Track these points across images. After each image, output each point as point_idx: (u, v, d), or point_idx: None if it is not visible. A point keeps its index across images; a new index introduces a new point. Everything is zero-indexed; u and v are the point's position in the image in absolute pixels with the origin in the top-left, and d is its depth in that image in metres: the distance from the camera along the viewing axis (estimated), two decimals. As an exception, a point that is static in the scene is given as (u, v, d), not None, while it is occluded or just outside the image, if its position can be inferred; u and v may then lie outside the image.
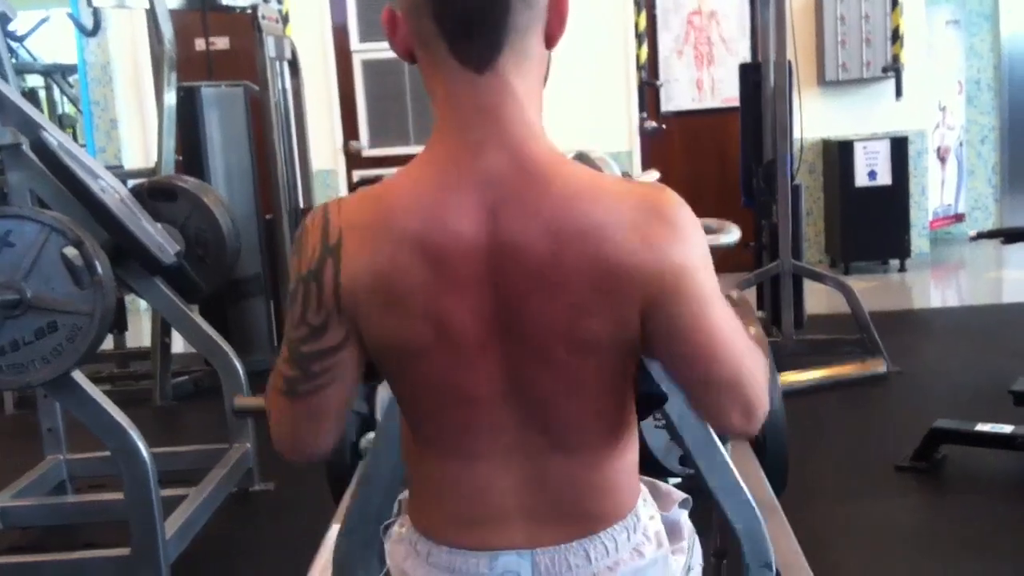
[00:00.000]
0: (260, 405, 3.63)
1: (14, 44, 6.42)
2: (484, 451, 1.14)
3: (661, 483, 1.38)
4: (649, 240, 1.05)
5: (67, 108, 8.64)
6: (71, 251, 2.61)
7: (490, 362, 1.10)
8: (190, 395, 5.04)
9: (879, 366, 4.43)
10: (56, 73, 8.48)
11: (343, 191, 6.61)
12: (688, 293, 1.07)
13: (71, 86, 8.28)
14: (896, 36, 5.10)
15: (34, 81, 8.32)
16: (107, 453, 2.84)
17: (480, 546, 1.16)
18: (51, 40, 10.21)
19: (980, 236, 3.73)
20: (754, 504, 1.58)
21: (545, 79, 1.15)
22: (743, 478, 1.60)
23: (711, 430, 1.61)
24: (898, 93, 5.23)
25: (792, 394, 3.27)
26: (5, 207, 2.87)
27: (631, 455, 1.20)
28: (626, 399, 1.18)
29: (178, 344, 5.85)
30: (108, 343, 5.41)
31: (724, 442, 1.65)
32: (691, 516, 1.38)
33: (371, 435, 2.72)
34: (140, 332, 6.11)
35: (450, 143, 1.10)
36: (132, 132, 7.17)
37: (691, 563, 1.28)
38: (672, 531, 1.27)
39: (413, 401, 1.17)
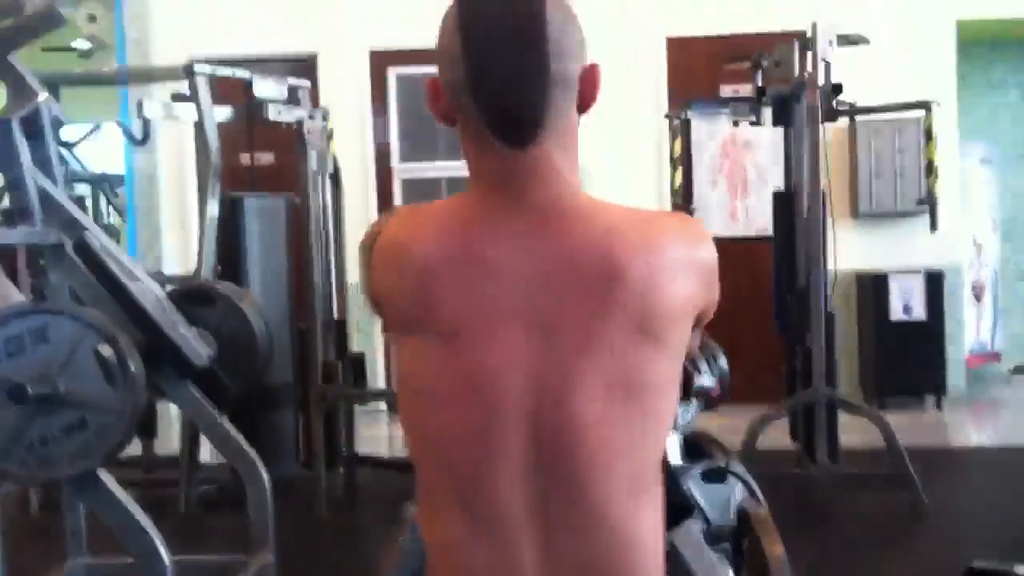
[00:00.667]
0: None
1: (64, 152, 6.59)
2: (501, 511, 1.11)
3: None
4: (694, 255, 1.17)
5: (112, 218, 8.85)
6: (105, 349, 2.63)
7: (511, 391, 1.09)
8: (215, 503, 5.00)
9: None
10: (103, 182, 8.70)
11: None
12: (717, 285, 1.23)
13: (117, 195, 8.49)
14: (930, 169, 5.15)
15: (81, 190, 8.53)
16: (129, 560, 2.82)
17: None
18: (99, 150, 10.50)
19: (1019, 370, 3.67)
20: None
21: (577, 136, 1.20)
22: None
23: (715, 559, 1.59)
24: (933, 226, 5.23)
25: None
26: (42, 302, 2.90)
27: (657, 525, 1.17)
28: (657, 452, 1.16)
29: (205, 453, 5.85)
30: (136, 448, 5.43)
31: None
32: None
33: None
34: (169, 439, 6.10)
35: (484, 198, 1.15)
36: (174, 240, 7.30)
37: None
38: None
39: (421, 434, 1.16)
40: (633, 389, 1.10)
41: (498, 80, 1.11)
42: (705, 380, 3.20)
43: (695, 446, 3.12)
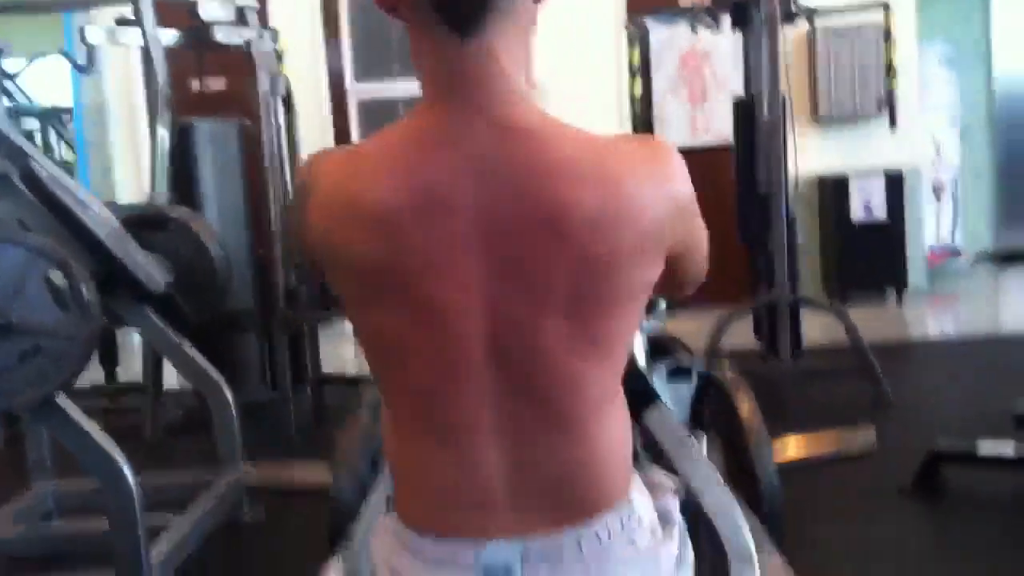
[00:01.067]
0: (270, 481, 3.60)
1: (9, 84, 6.43)
2: (467, 425, 1.10)
3: (653, 473, 1.35)
4: (663, 184, 1.09)
5: (63, 152, 8.68)
6: (56, 274, 2.58)
7: (472, 326, 1.07)
8: (181, 429, 4.99)
9: (869, 437, 4.20)
10: (52, 116, 8.53)
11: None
12: (695, 220, 1.17)
13: (66, 129, 8.32)
14: (889, 69, 5.13)
15: (30, 125, 8.35)
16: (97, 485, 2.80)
17: (467, 535, 1.11)
18: (46, 83, 10.26)
19: (980, 258, 3.70)
20: (733, 498, 1.55)
21: (534, 32, 1.13)
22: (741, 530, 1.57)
23: (685, 430, 1.60)
24: (892, 123, 5.23)
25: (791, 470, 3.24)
26: (-10, 231, 2.84)
27: (624, 433, 1.16)
28: (622, 366, 1.14)
29: (170, 378, 5.82)
30: (99, 377, 5.41)
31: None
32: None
33: None
34: (131, 369, 6.07)
35: (434, 114, 1.09)
36: (127, 173, 7.18)
37: (683, 555, 1.23)
38: (663, 520, 1.23)
39: (386, 368, 1.14)
40: (591, 319, 1.07)
41: None
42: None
43: (660, 347, 3.13)
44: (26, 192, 3.22)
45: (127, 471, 2.71)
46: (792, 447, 3.88)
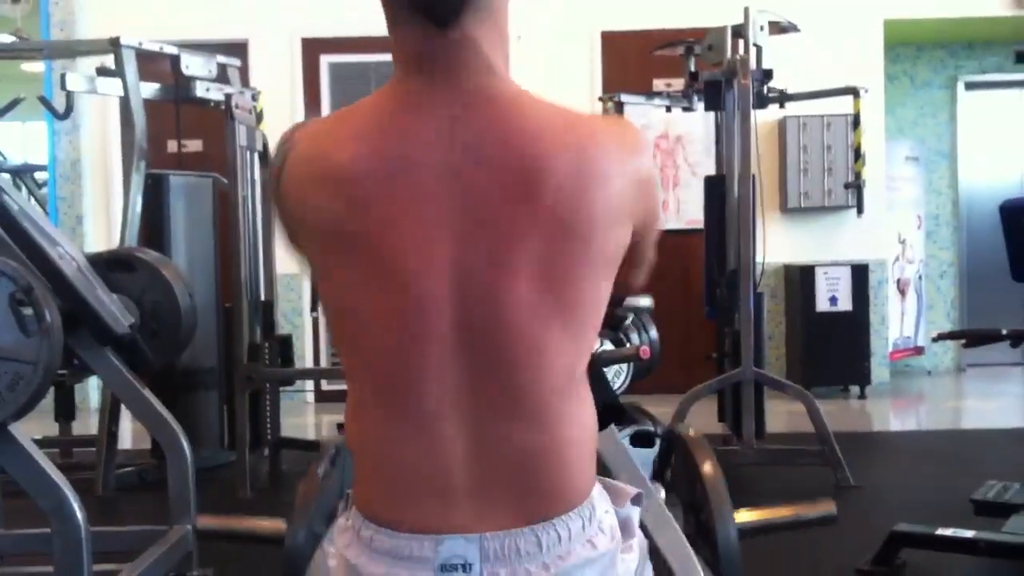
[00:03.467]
0: (222, 527, 3.54)
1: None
2: (429, 400, 1.08)
3: (615, 481, 1.33)
4: (630, 155, 1.12)
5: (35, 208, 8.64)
6: (18, 297, 2.55)
7: (439, 295, 1.06)
8: (134, 487, 4.88)
9: (829, 508, 4.17)
10: (25, 173, 8.51)
11: (306, 295, 6.57)
12: (656, 197, 1.18)
13: (40, 187, 8.30)
14: (858, 154, 5.23)
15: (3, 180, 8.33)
16: (45, 530, 2.72)
17: (425, 529, 1.09)
18: (22, 140, 10.29)
19: (941, 337, 3.74)
20: (687, 543, 1.54)
21: (507, 25, 1.15)
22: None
23: (648, 480, 1.59)
24: (859, 210, 5.32)
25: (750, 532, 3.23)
26: (-44, 251, 2.81)
27: (588, 424, 1.15)
28: (587, 344, 1.14)
29: (125, 440, 5.72)
30: (53, 430, 5.30)
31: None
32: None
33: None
34: (86, 426, 5.96)
35: (408, 84, 1.10)
36: (98, 226, 7.15)
37: (643, 570, 1.21)
38: (624, 527, 1.21)
39: (351, 340, 1.13)
40: (561, 287, 1.08)
41: None
42: (634, 338, 3.20)
43: (626, 414, 3.11)
44: (-6, 225, 3.20)
45: (77, 507, 2.64)
46: (751, 515, 3.83)
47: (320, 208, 1.08)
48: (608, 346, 2.68)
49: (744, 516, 3.54)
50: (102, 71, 4.94)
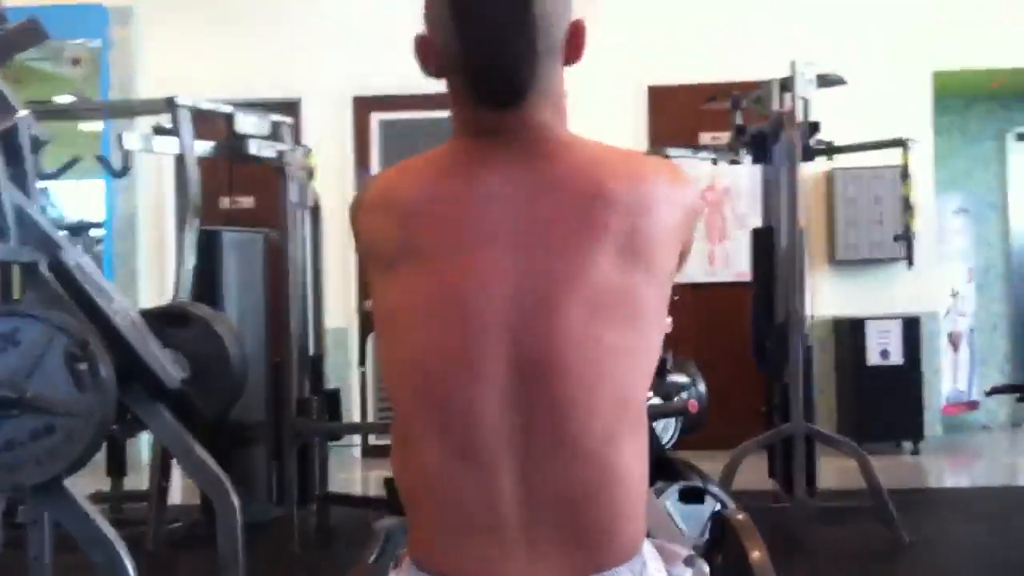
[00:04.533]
0: None
1: (42, 184, 6.57)
2: (484, 444, 1.08)
3: (666, 541, 1.32)
4: (677, 187, 1.17)
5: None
6: (74, 351, 2.60)
7: (498, 336, 1.07)
8: (184, 542, 4.91)
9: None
10: (82, 230, 8.69)
11: (354, 350, 6.61)
12: (693, 233, 1.23)
13: (95, 243, 8.47)
14: (907, 206, 5.20)
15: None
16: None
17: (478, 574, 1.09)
18: (80, 198, 10.52)
19: (995, 391, 3.68)
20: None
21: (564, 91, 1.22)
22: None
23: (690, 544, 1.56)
24: (909, 262, 5.26)
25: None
26: (13, 306, 2.87)
27: (640, 473, 1.14)
28: (646, 372, 1.14)
29: (176, 495, 5.75)
30: (105, 485, 5.36)
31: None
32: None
33: None
34: (139, 481, 6.01)
35: (471, 140, 1.17)
36: (152, 282, 7.26)
37: None
38: None
39: (404, 374, 1.13)
40: (619, 311, 1.09)
41: (488, 56, 1.11)
42: (684, 394, 3.18)
43: (674, 469, 3.08)
44: (52, 280, 3.27)
45: (128, 561, 2.66)
46: None
47: (384, 231, 1.16)
48: (656, 400, 2.67)
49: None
50: (158, 130, 5.05)
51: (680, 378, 3.35)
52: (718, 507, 2.91)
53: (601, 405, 1.09)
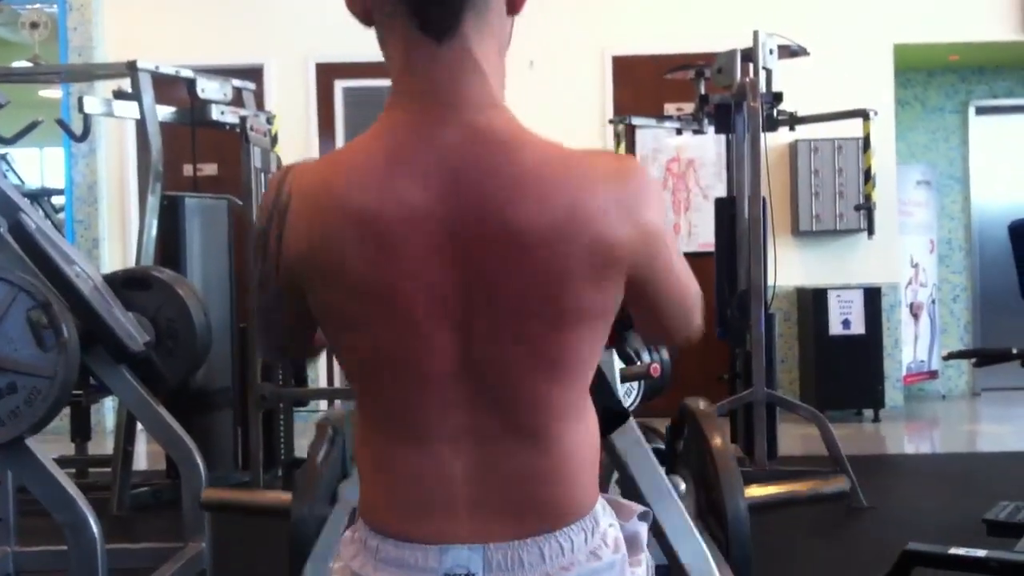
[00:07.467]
0: (228, 499, 3.57)
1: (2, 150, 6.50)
2: (433, 433, 1.11)
3: (620, 498, 1.34)
4: (626, 206, 1.09)
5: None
6: (36, 312, 2.58)
7: (444, 338, 1.08)
8: (149, 506, 4.90)
9: (842, 484, 4.20)
10: (43, 196, 8.59)
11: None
12: (662, 251, 1.14)
13: (57, 210, 8.38)
14: (868, 176, 5.25)
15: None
16: (60, 547, 2.75)
17: (429, 539, 1.11)
18: (40, 165, 10.40)
19: (951, 356, 3.74)
20: (704, 546, 1.55)
21: (506, 46, 1.16)
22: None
23: (663, 473, 1.59)
24: (870, 231, 5.32)
25: (760, 508, 3.22)
26: (-26, 267, 2.85)
27: (589, 450, 1.16)
28: (586, 383, 1.16)
29: (140, 460, 5.74)
30: (70, 450, 5.33)
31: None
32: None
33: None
34: (103, 448, 5.99)
35: (407, 114, 1.10)
36: (114, 250, 7.20)
37: None
38: (631, 543, 1.22)
39: (361, 377, 1.15)
40: (548, 341, 1.09)
41: None
42: (645, 357, 3.21)
43: (629, 420, 3.10)
44: (13, 244, 3.24)
45: (92, 519, 2.67)
46: (762, 490, 3.80)
47: (343, 249, 1.07)
48: (619, 364, 2.70)
49: (755, 491, 3.56)
50: (119, 94, 5.01)
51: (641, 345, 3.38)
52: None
53: (542, 405, 1.11)
